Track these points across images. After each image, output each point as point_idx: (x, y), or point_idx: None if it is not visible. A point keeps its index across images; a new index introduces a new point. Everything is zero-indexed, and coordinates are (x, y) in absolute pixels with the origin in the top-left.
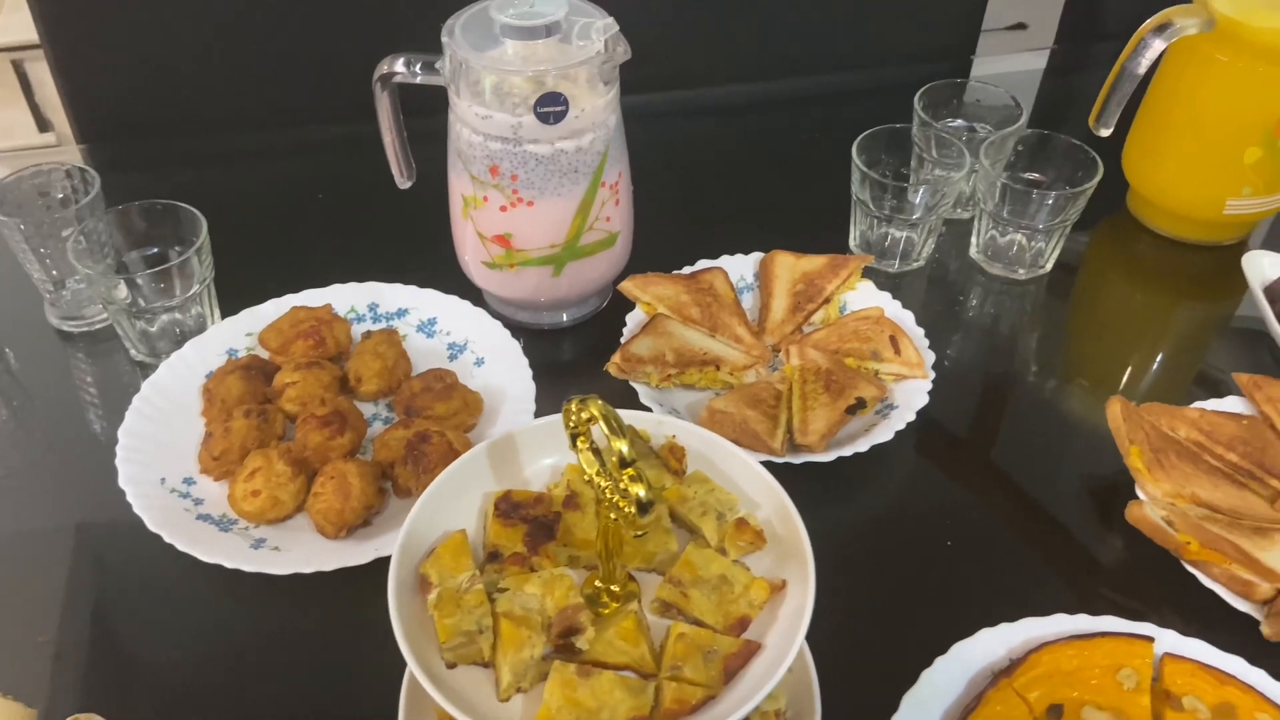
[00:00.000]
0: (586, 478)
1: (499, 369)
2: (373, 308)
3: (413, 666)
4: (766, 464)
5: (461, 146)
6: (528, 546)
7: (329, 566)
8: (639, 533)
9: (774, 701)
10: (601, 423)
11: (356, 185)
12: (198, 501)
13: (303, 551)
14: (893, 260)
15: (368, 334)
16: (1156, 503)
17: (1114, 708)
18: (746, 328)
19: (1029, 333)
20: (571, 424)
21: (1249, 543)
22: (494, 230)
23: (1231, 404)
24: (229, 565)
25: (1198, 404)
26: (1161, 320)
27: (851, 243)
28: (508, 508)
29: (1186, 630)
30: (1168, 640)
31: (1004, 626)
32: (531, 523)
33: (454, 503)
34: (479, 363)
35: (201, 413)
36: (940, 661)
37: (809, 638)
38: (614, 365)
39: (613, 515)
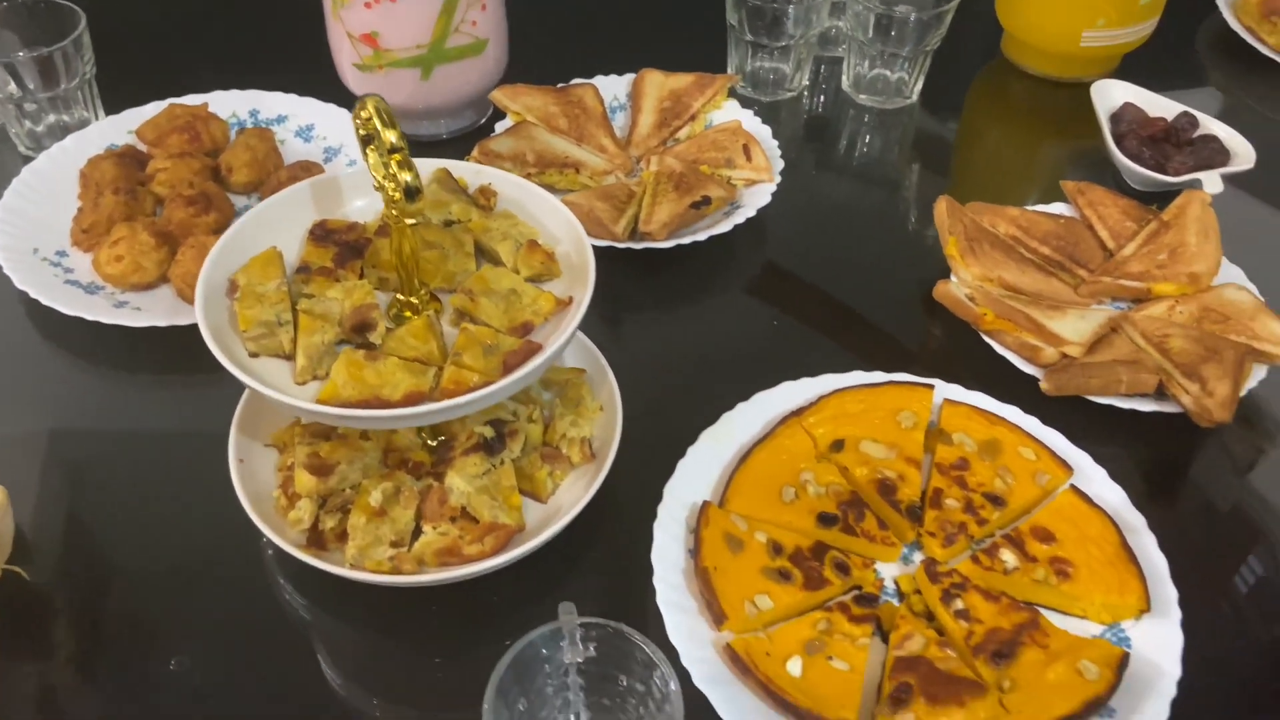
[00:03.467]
0: (377, 185)
1: None
2: (253, 113)
3: (215, 351)
4: (609, 248)
5: None
6: (336, 263)
7: (183, 322)
8: (412, 220)
9: (580, 429)
10: (374, 116)
11: None
12: (68, 270)
13: (162, 310)
14: (766, 88)
15: (242, 130)
16: (966, 284)
17: (890, 441)
18: (612, 140)
19: (885, 155)
20: (359, 128)
21: (1040, 314)
22: (361, 28)
23: (1057, 209)
24: (89, 318)
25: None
26: (1017, 149)
27: (730, 71)
28: (322, 233)
29: (973, 388)
30: (952, 392)
31: (805, 380)
32: (343, 245)
33: (274, 231)
34: (352, 164)
35: (78, 196)
36: (742, 405)
37: (618, 380)
38: (472, 159)
39: (394, 212)
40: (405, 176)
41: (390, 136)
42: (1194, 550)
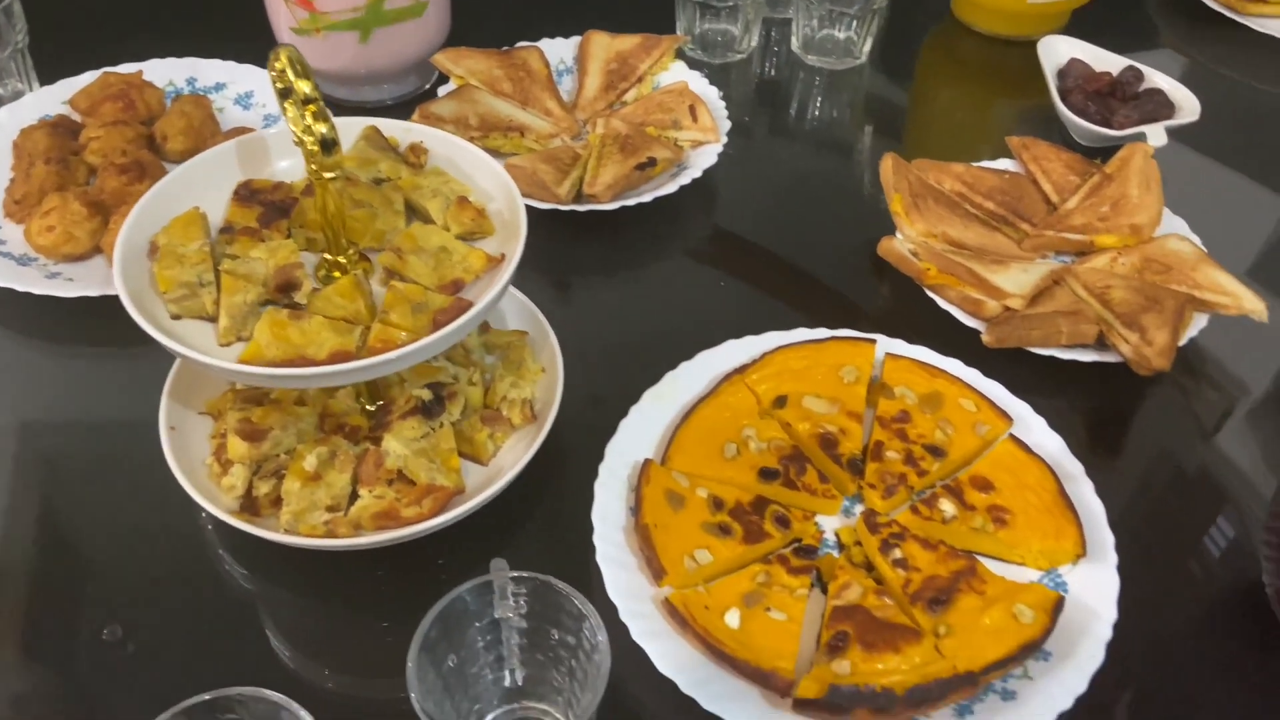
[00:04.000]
0: (296, 140)
1: None
2: (190, 81)
3: (132, 312)
4: (553, 211)
5: None
6: (260, 223)
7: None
8: (332, 174)
9: (520, 391)
10: (288, 67)
11: None
12: (1, 242)
13: (95, 281)
14: (716, 50)
15: (178, 98)
16: (911, 241)
17: (832, 396)
18: (558, 103)
19: (835, 115)
20: (275, 80)
21: (982, 268)
22: None
23: (1003, 165)
24: (20, 289)
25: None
26: (967, 108)
27: (678, 32)
28: (247, 193)
29: (918, 343)
30: (895, 346)
31: (749, 338)
32: (268, 205)
33: (198, 192)
34: None
35: (11, 168)
36: (685, 364)
37: (562, 343)
38: (414, 122)
39: (314, 168)
40: (321, 128)
41: (304, 87)
42: (1131, 496)
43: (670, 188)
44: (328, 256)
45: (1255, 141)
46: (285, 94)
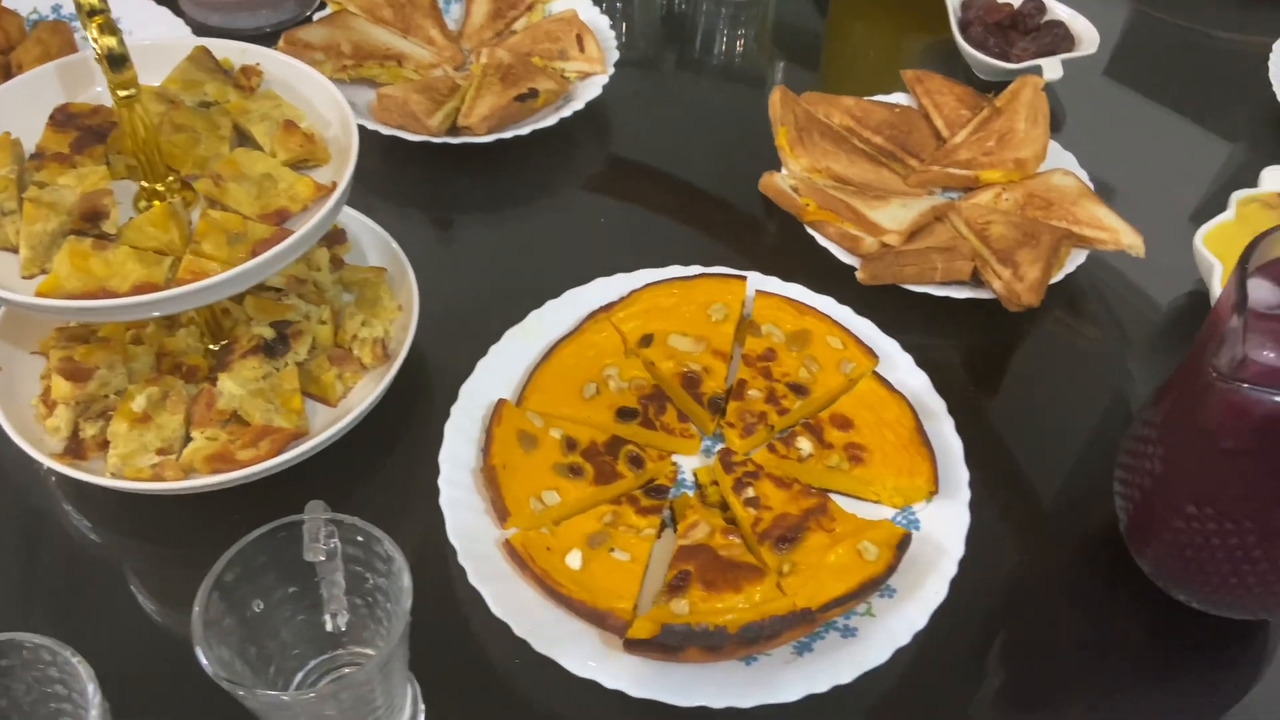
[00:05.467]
0: (96, 57)
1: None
2: (56, 9)
3: None
4: (425, 143)
5: None
6: (73, 149)
7: None
8: (125, 92)
9: (373, 330)
10: None
11: None
12: None
13: None
14: None
15: (37, 25)
16: (794, 176)
17: (698, 335)
18: (441, 31)
19: (737, 49)
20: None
21: (862, 203)
22: None
23: (898, 99)
24: None
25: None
26: (875, 42)
27: None
28: (63, 117)
29: (799, 279)
30: (767, 283)
31: (620, 275)
32: (84, 130)
33: (14, 117)
34: None
35: None
36: (551, 303)
37: (429, 280)
38: (279, 49)
39: (119, 94)
40: (109, 42)
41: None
42: (992, 433)
43: (550, 120)
44: (145, 184)
45: (1160, 75)
46: (90, 15)
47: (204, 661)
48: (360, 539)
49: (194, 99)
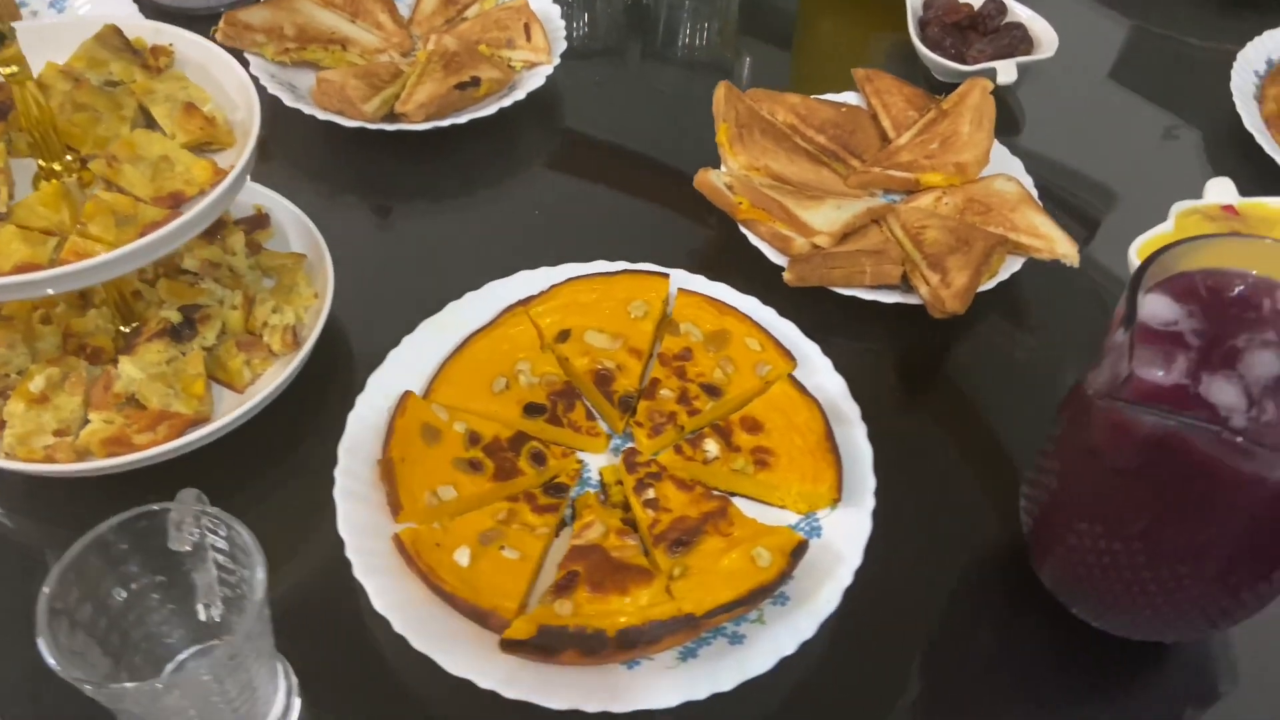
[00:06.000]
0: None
1: None
2: None
3: None
4: (360, 130)
5: None
6: None
7: None
8: (7, 70)
9: (284, 317)
10: None
11: None
12: None
13: None
14: None
15: None
16: (731, 173)
17: (615, 331)
18: (391, 16)
19: (697, 42)
20: None
21: (795, 203)
22: None
23: (847, 98)
24: None
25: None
26: (839, 39)
27: None
28: None
29: (730, 277)
30: (693, 282)
31: (544, 269)
32: None
33: None
34: None
35: None
36: (471, 295)
37: (352, 269)
38: (220, 31)
39: (3, 72)
40: None
41: None
42: (907, 441)
43: (489, 109)
44: (42, 164)
45: (1123, 80)
46: None
47: (45, 653)
48: (223, 531)
49: (100, 78)
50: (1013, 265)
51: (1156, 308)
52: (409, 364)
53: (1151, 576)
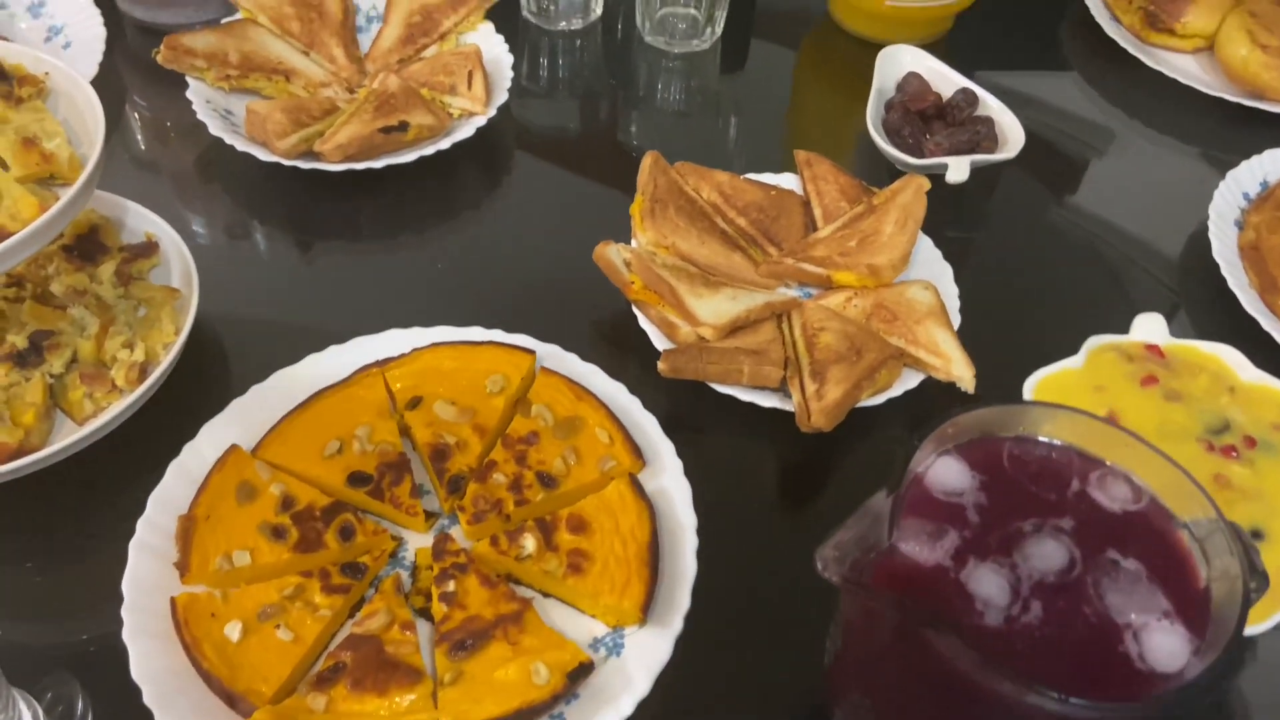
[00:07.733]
0: None
1: (85, 54)
2: None
3: None
4: (276, 165)
5: None
6: None
7: None
8: None
9: (135, 354)
10: None
11: None
12: None
13: None
14: (550, 18)
15: None
16: (630, 250)
17: (466, 405)
18: (346, 51)
19: (651, 103)
20: None
21: (687, 289)
22: None
23: (787, 180)
24: None
25: (749, 176)
26: (808, 110)
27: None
28: None
29: (612, 357)
30: (565, 361)
31: (416, 329)
32: None
33: None
34: (67, 46)
35: None
36: (334, 348)
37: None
38: (160, 54)
39: None
40: None
41: None
42: (733, 561)
43: (407, 156)
44: None
45: (1099, 188)
46: None
47: None
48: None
49: None
50: (909, 380)
51: (945, 474)
52: (250, 414)
53: None
